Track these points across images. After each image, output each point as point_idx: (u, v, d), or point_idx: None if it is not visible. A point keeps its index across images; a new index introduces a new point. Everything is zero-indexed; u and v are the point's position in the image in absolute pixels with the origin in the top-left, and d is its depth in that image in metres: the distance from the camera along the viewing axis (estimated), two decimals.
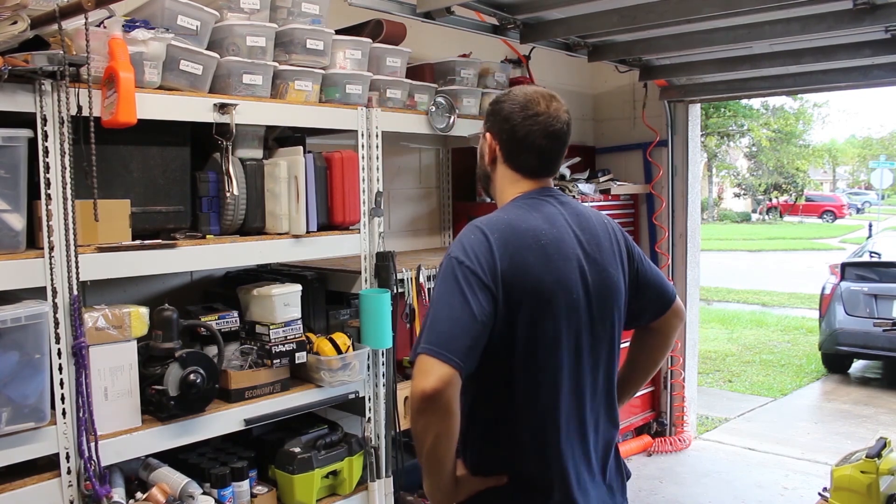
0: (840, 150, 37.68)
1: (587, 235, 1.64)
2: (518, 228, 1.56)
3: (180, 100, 2.20)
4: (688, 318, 4.92)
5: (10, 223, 1.90)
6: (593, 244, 1.64)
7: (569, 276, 1.57)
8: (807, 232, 25.49)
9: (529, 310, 1.52)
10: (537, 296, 1.53)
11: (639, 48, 3.83)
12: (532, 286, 1.52)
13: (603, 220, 1.72)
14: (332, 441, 2.66)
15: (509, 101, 1.69)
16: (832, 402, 6.45)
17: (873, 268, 7.13)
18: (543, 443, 1.57)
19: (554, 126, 1.66)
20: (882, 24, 3.13)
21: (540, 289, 1.53)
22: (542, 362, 1.55)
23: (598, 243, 1.65)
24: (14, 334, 1.86)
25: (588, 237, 1.64)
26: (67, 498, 1.99)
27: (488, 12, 3.26)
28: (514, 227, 1.57)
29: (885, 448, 2.82)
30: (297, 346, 2.49)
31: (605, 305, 1.62)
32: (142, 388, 2.14)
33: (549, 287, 1.54)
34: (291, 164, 2.48)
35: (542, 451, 1.57)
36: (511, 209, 1.64)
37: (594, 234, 1.66)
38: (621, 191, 4.73)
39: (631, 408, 4.81)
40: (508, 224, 1.57)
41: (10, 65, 1.78)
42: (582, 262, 1.60)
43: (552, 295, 1.54)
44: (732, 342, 8.93)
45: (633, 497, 4.08)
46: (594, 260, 1.62)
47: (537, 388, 1.56)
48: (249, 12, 2.41)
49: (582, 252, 1.61)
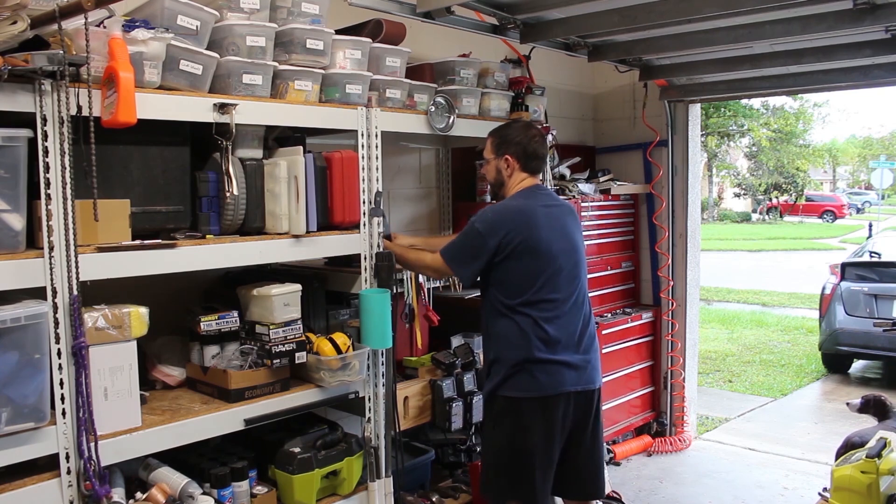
0: (840, 150, 37.68)
1: (560, 211, 2.74)
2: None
3: (180, 100, 2.20)
4: (688, 318, 4.93)
5: (9, 223, 1.90)
6: (564, 217, 2.73)
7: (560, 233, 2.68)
8: (807, 232, 25.49)
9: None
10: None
11: (639, 48, 3.83)
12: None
13: (568, 204, 2.84)
14: (331, 441, 2.66)
15: (513, 130, 2.78)
16: (832, 402, 6.45)
17: (873, 268, 7.13)
18: None
19: (544, 139, 2.82)
20: (882, 24, 3.13)
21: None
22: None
23: (567, 217, 2.75)
24: (14, 334, 1.86)
25: (560, 212, 2.73)
26: (67, 498, 1.99)
27: (488, 12, 3.26)
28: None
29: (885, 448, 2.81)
30: (297, 346, 2.49)
31: (575, 253, 2.70)
32: None
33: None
34: (291, 164, 2.48)
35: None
36: (522, 196, 2.71)
37: (563, 212, 2.75)
38: (621, 191, 4.74)
39: (631, 408, 4.81)
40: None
41: (10, 65, 1.77)
42: (564, 226, 2.70)
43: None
44: (732, 342, 8.93)
45: (633, 497, 4.09)
46: (565, 225, 2.71)
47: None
48: (249, 12, 2.41)
49: (561, 220, 2.70)
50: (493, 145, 2.77)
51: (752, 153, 29.39)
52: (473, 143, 3.77)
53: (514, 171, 2.73)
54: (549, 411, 2.57)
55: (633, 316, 4.74)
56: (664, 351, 4.94)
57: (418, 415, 3.07)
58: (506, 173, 2.74)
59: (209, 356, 2.51)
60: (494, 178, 2.79)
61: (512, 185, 2.74)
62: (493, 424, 2.67)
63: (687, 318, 4.92)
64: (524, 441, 2.58)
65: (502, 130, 2.80)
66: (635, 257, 4.98)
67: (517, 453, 2.59)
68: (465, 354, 3.23)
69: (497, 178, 2.77)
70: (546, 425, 2.58)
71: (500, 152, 2.74)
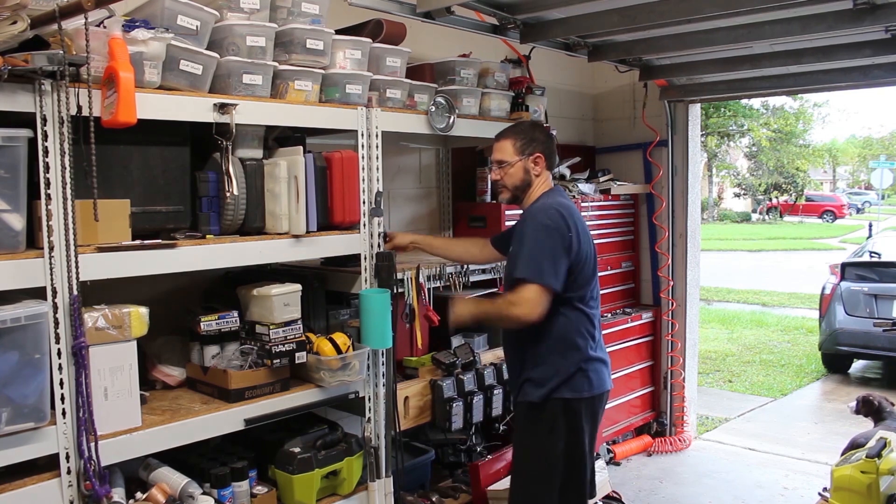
0: (840, 150, 37.67)
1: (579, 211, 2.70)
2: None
3: (180, 100, 2.20)
4: (688, 318, 4.93)
5: (9, 223, 1.90)
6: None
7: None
8: (807, 232, 25.48)
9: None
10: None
11: (639, 48, 3.83)
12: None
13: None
14: (331, 441, 2.66)
15: (535, 129, 2.72)
16: (832, 402, 6.45)
17: (873, 268, 7.13)
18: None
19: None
20: (882, 24, 3.13)
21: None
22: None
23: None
24: (14, 334, 1.86)
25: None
26: (67, 498, 1.99)
27: (488, 12, 3.26)
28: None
29: (885, 448, 2.81)
30: (297, 346, 2.49)
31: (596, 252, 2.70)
32: None
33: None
34: (291, 164, 2.48)
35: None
36: (557, 194, 2.68)
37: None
38: (621, 191, 4.73)
39: (631, 408, 4.81)
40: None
41: (10, 65, 1.77)
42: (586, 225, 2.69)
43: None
44: (732, 342, 8.93)
45: (633, 497, 4.09)
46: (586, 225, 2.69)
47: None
48: (249, 12, 2.41)
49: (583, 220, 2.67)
50: (516, 146, 2.65)
51: (752, 153, 29.39)
52: (474, 143, 3.78)
53: (543, 170, 2.67)
54: (595, 411, 2.60)
55: (633, 316, 4.74)
56: (664, 351, 4.94)
57: (418, 415, 3.07)
58: (534, 172, 2.65)
59: (209, 356, 2.51)
60: (521, 180, 2.66)
61: (539, 185, 2.67)
62: (549, 430, 2.55)
63: (687, 318, 4.92)
64: (579, 443, 2.57)
65: (525, 131, 2.70)
66: (635, 257, 4.98)
67: (574, 457, 2.57)
68: (465, 354, 3.23)
69: (525, 178, 2.66)
70: (592, 425, 2.61)
71: (527, 152, 2.64)
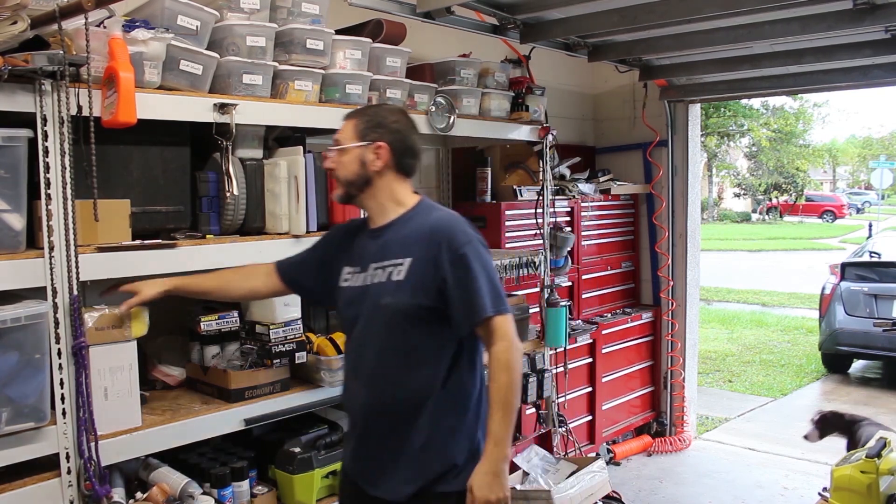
0: (840, 150, 37.65)
1: None
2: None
3: (180, 100, 2.20)
4: (688, 318, 4.93)
5: (10, 223, 1.90)
6: None
7: None
8: (807, 232, 25.48)
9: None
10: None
11: (639, 48, 3.83)
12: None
13: None
14: (332, 441, 2.65)
15: (396, 115, 1.98)
16: (832, 402, 6.45)
17: (873, 268, 7.13)
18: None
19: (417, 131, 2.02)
20: (882, 24, 3.14)
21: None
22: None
23: None
24: (14, 334, 1.86)
25: None
26: (67, 498, 1.98)
27: (488, 12, 3.26)
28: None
29: (885, 448, 2.82)
30: (297, 346, 2.49)
31: None
32: None
33: None
34: (291, 164, 2.48)
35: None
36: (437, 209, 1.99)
37: None
38: (621, 191, 4.74)
39: (631, 408, 4.81)
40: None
41: (10, 65, 1.77)
42: None
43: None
44: (732, 342, 8.93)
45: (633, 497, 4.09)
46: None
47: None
48: (249, 12, 2.41)
49: None
50: (358, 129, 1.92)
51: (752, 153, 29.37)
52: (474, 144, 3.78)
53: (386, 169, 1.91)
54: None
55: (632, 316, 4.74)
56: (664, 351, 4.94)
57: None
58: (372, 168, 1.90)
59: (209, 356, 2.51)
60: (355, 174, 1.91)
61: (388, 188, 1.93)
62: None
63: (687, 318, 4.92)
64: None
65: (376, 113, 1.97)
66: (635, 257, 4.99)
67: None
68: None
69: (359, 173, 1.91)
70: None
71: (368, 137, 1.90)
